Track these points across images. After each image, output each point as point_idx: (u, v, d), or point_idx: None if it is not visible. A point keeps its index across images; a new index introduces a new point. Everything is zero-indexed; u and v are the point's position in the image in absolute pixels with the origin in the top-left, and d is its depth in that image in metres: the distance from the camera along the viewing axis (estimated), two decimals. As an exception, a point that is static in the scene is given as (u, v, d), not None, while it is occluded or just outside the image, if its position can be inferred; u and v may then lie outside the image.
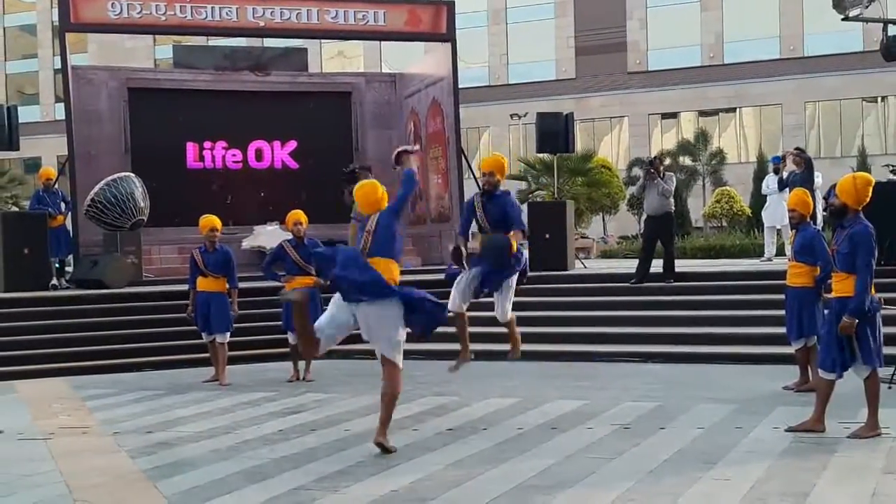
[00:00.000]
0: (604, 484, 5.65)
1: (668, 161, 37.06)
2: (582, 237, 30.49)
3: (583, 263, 17.13)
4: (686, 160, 40.67)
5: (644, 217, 14.55)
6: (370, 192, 6.78)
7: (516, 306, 8.60)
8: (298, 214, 10.49)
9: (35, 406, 9.20)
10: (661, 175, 13.53)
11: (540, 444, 6.80)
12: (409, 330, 6.68)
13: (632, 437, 6.94)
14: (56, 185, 15.92)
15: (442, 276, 9.27)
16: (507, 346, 8.67)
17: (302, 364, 10.41)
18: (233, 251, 10.77)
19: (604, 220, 38.99)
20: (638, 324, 12.48)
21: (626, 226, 38.89)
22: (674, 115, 47.72)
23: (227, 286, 10.35)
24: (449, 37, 17.85)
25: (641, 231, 18.13)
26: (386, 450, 6.52)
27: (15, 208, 30.11)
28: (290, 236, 10.56)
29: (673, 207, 13.85)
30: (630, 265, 15.13)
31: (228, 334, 10.38)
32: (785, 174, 15.41)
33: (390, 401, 6.60)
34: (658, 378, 9.90)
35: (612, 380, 9.82)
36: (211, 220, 10.44)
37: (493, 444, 6.81)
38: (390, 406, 6.61)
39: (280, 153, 19.57)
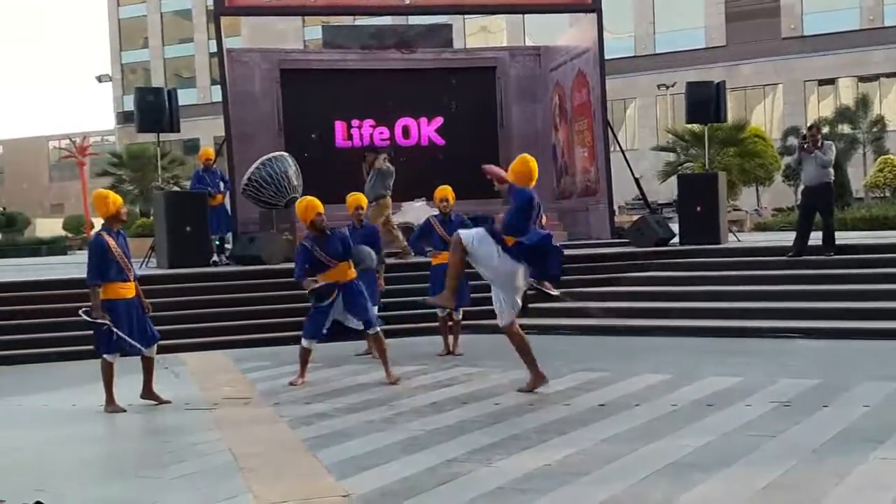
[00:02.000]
0: (764, 463, 5.49)
1: (825, 129, 35.66)
2: (734, 210, 29.70)
3: (736, 237, 16.70)
4: (845, 128, 38.99)
5: (801, 188, 14.01)
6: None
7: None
8: (446, 191, 10.61)
9: (200, 377, 9.62)
10: (819, 145, 13.02)
11: (695, 421, 6.66)
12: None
13: (792, 414, 6.72)
14: (215, 165, 16.52)
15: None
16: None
17: (451, 339, 10.52)
18: (379, 228, 10.95)
19: (757, 191, 37.85)
20: (795, 298, 12.07)
21: (781, 197, 37.66)
22: (831, 82, 45.80)
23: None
24: (595, 7, 17.60)
25: (798, 202, 17.49)
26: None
27: (176, 188, 31.41)
28: (436, 212, 10.69)
29: (832, 178, 13.30)
30: (786, 238, 14.64)
31: (376, 308, 10.56)
32: None
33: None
34: (818, 354, 9.56)
35: (769, 356, 9.52)
36: (357, 198, 10.66)
37: (647, 421, 6.72)
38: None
39: (427, 130, 19.77)
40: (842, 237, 14.08)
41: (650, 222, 15.91)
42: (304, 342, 8.94)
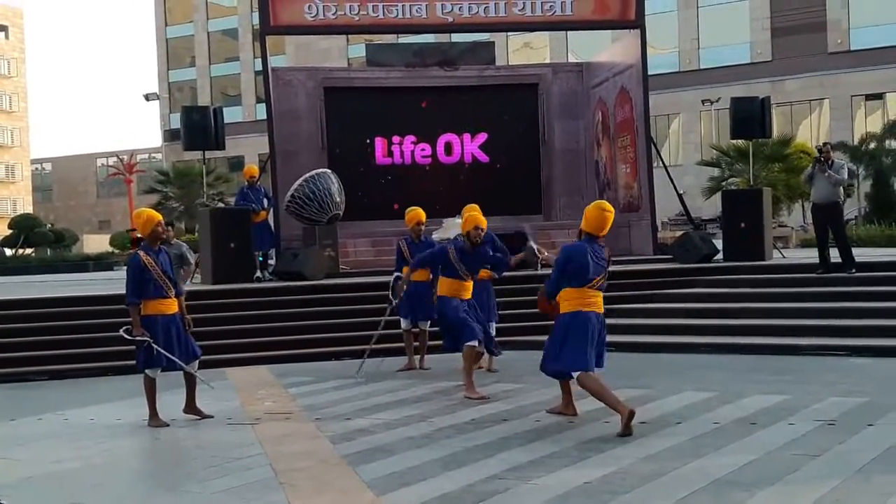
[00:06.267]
0: (807, 482, 5.42)
1: (872, 145, 35.42)
2: (780, 226, 29.38)
3: (781, 253, 16.52)
4: (893, 143, 38.44)
5: (811, 205, 13.92)
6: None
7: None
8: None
9: (242, 392, 9.69)
10: (830, 164, 12.96)
11: (738, 439, 6.59)
12: None
13: (837, 433, 6.63)
14: (259, 182, 16.68)
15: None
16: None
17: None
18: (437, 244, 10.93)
19: (803, 207, 37.38)
20: (844, 315, 11.91)
21: (828, 213, 37.14)
22: (879, 97, 45.20)
23: (430, 276, 10.53)
24: (638, 23, 17.55)
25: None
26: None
27: (221, 205, 31.74)
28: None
29: (841, 197, 13.32)
30: (833, 255, 14.45)
31: (429, 322, 10.64)
32: None
33: None
34: (866, 373, 9.41)
35: (815, 374, 9.40)
36: (417, 214, 10.71)
37: (689, 439, 6.66)
38: None
39: (470, 146, 19.81)
40: (889, 253, 13.87)
41: (694, 238, 15.79)
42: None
